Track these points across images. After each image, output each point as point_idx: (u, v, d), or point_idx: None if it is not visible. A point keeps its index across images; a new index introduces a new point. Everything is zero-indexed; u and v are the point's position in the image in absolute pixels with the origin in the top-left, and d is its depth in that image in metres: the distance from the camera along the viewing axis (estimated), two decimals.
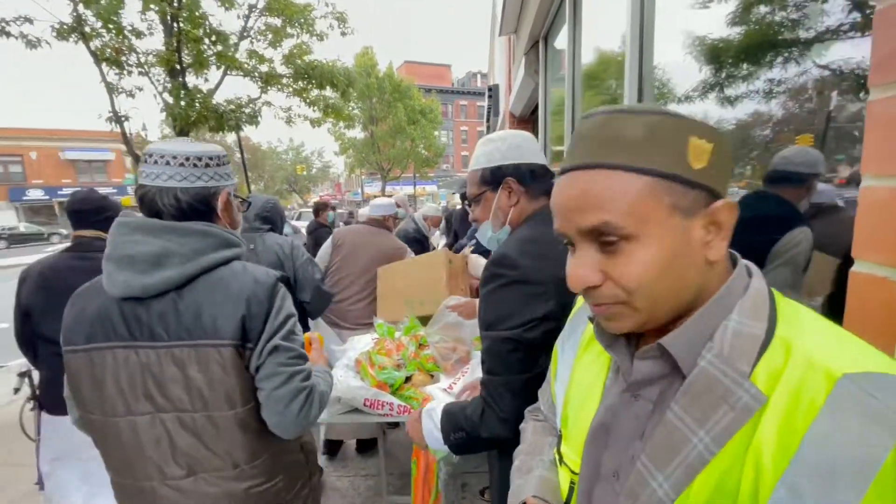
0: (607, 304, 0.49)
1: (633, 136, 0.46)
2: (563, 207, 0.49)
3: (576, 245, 0.50)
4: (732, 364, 0.44)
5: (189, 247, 0.92)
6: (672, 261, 0.46)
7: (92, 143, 29.21)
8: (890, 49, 0.59)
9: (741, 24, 1.45)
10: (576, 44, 3.33)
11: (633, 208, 0.45)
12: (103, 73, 5.47)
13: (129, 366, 0.91)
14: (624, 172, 0.45)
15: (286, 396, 0.96)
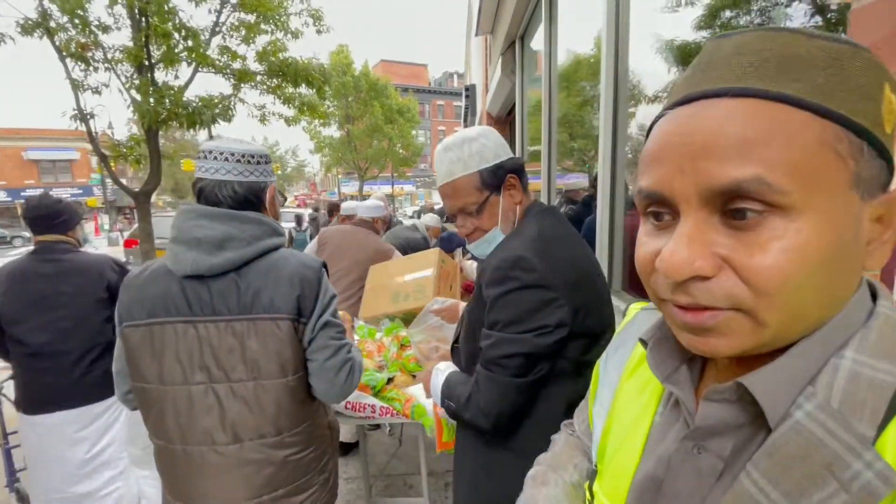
0: (715, 310, 0.32)
1: (811, 61, 0.30)
2: (686, 146, 0.32)
3: (682, 213, 0.33)
4: (845, 422, 0.31)
5: (248, 233, 1.04)
6: (838, 256, 0.31)
7: (56, 143, 27.98)
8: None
9: (711, 27, 1.49)
10: (552, 44, 3.38)
11: (808, 163, 0.29)
12: (68, 70, 5.25)
13: (188, 339, 1.02)
14: (795, 109, 0.30)
15: (336, 366, 1.09)
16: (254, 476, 1.06)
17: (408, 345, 2.29)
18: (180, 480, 1.08)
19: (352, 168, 22.77)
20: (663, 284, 0.34)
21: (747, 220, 0.30)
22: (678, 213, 0.33)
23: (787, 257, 0.29)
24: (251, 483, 1.06)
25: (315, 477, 1.17)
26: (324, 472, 1.21)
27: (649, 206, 0.36)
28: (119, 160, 5.92)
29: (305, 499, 1.14)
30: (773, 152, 0.29)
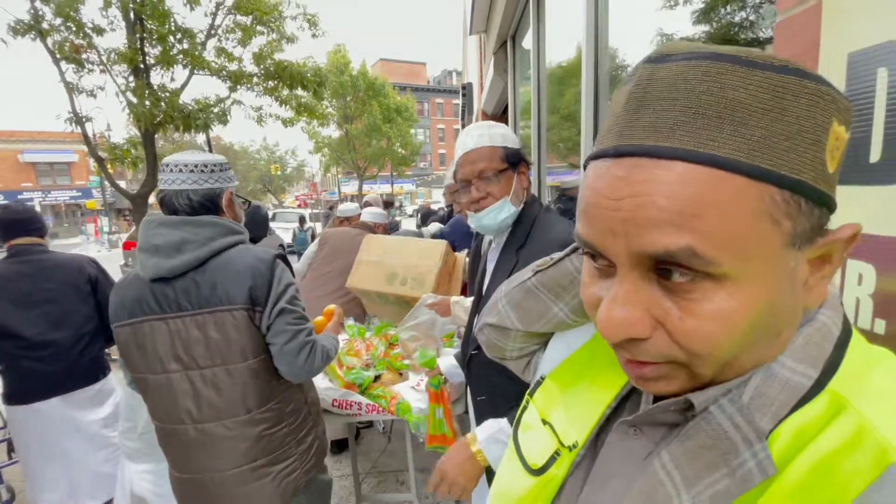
0: (652, 365, 0.33)
1: (751, 107, 0.28)
2: (611, 213, 0.31)
3: (619, 270, 0.32)
4: (750, 416, 0.32)
5: (202, 235, 1.15)
6: (770, 314, 0.31)
7: (54, 145, 27.90)
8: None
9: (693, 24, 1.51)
10: (540, 44, 3.40)
11: (739, 234, 0.28)
12: (62, 72, 5.28)
13: (162, 334, 1.15)
14: (730, 174, 0.28)
15: (294, 349, 1.19)
16: (232, 450, 1.19)
17: (395, 343, 2.33)
18: (177, 455, 1.24)
19: (351, 168, 22.78)
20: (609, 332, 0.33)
21: (684, 284, 0.30)
22: (614, 266, 0.33)
23: (716, 323, 0.29)
24: (231, 455, 1.19)
25: (293, 448, 1.28)
26: (302, 444, 1.31)
27: (586, 249, 0.35)
28: (116, 163, 5.95)
29: (285, 468, 1.25)
30: (704, 224, 0.28)
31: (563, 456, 0.45)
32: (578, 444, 0.44)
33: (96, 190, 25.45)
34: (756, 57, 0.28)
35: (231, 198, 1.27)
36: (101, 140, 6.20)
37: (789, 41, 0.63)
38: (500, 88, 5.61)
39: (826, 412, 0.31)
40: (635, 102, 0.31)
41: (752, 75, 0.28)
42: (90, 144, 5.64)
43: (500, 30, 4.66)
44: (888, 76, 0.48)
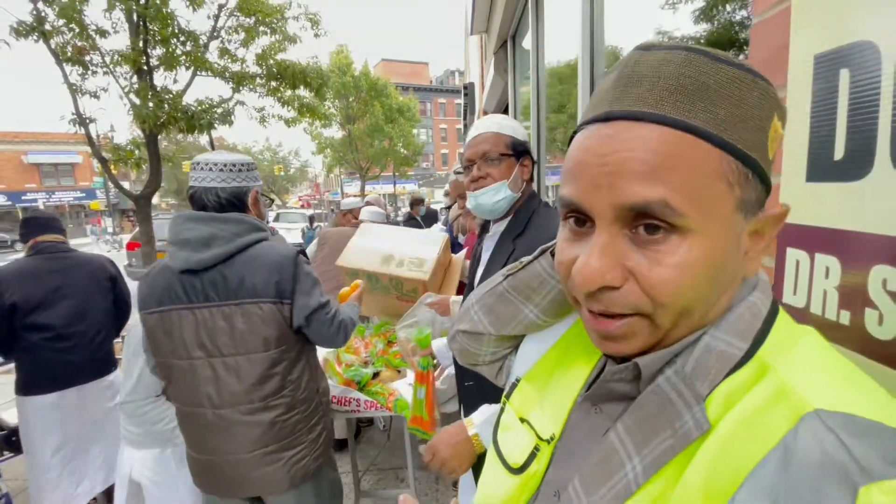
0: (621, 317, 0.37)
1: (718, 91, 0.34)
2: (602, 166, 0.35)
3: (597, 226, 0.36)
4: (691, 383, 0.36)
5: (229, 231, 1.22)
6: (721, 270, 0.36)
7: (58, 146, 28.09)
8: (760, 61, 0.66)
9: (688, 24, 1.53)
10: (539, 44, 3.41)
11: (704, 192, 0.33)
12: (65, 74, 5.32)
13: (188, 322, 1.22)
14: (700, 140, 0.33)
15: (333, 333, 1.34)
16: (246, 434, 1.26)
17: (394, 341, 2.35)
18: (195, 436, 1.31)
19: (353, 168, 22.83)
20: (580, 288, 0.37)
21: (655, 236, 0.34)
22: (594, 224, 0.37)
23: (679, 271, 0.34)
24: (245, 440, 1.26)
25: (303, 436, 1.35)
26: (312, 432, 1.38)
27: (569, 213, 0.39)
28: (119, 164, 5.99)
29: (296, 454, 1.32)
30: (677, 179, 0.33)
31: (543, 450, 0.48)
32: (555, 436, 0.47)
33: (100, 191, 25.58)
34: (721, 54, 0.35)
35: (257, 196, 1.34)
36: (104, 141, 6.23)
37: (762, 43, 0.65)
38: (500, 88, 5.63)
39: (753, 376, 0.35)
40: (625, 79, 0.36)
41: (719, 67, 0.34)
42: (94, 146, 5.68)
43: (501, 30, 4.67)
44: (850, 77, 0.50)
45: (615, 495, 0.37)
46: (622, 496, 0.37)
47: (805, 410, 0.31)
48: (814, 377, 0.34)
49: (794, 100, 0.58)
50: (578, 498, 0.40)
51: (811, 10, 0.55)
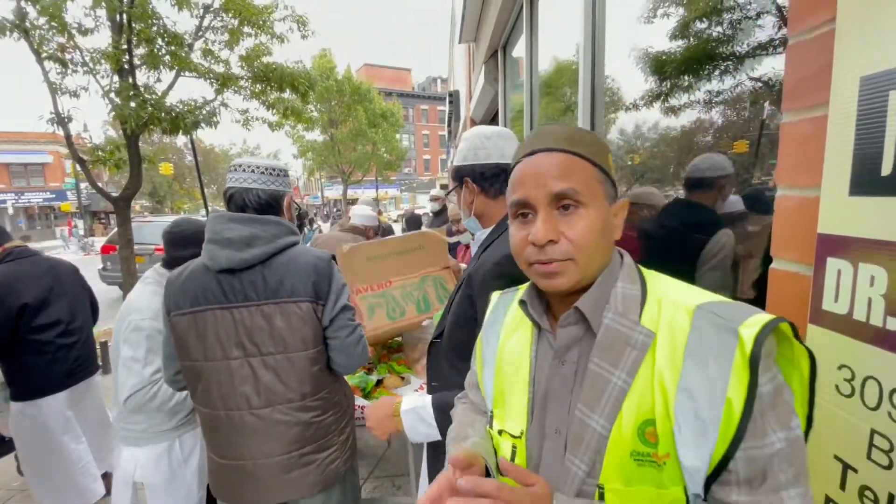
0: (558, 261, 0.60)
1: (588, 140, 0.64)
2: (538, 174, 0.62)
3: (539, 210, 0.62)
4: (626, 317, 0.59)
5: (270, 232, 1.24)
6: (603, 230, 0.61)
7: (28, 146, 27.00)
8: (797, 80, 0.69)
9: (683, 38, 1.58)
10: (533, 53, 3.48)
11: (589, 184, 0.61)
12: (45, 72, 5.14)
13: (226, 322, 1.22)
14: (583, 160, 0.62)
15: (354, 341, 1.31)
16: (284, 435, 1.26)
17: (395, 347, 2.34)
18: (223, 441, 1.29)
19: (336, 172, 22.63)
20: (532, 252, 0.62)
21: (570, 210, 0.61)
22: (536, 211, 0.62)
23: (587, 229, 0.60)
24: (282, 440, 1.27)
25: (336, 437, 1.37)
26: (343, 434, 1.40)
27: (519, 210, 0.64)
28: (98, 165, 5.80)
29: (328, 455, 1.34)
30: (575, 177, 0.61)
31: (519, 446, 0.67)
32: (524, 431, 0.67)
33: (71, 192, 24.68)
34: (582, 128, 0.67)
35: (291, 201, 1.39)
36: (78, 140, 6.00)
37: (799, 64, 0.69)
38: (490, 96, 5.69)
39: (657, 303, 0.59)
40: (537, 137, 0.66)
41: (581, 130, 0.66)
42: (72, 146, 5.49)
43: (491, 40, 4.73)
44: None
45: (615, 399, 0.56)
46: (620, 397, 0.56)
47: (692, 308, 0.55)
48: (682, 293, 0.59)
49: (837, 118, 0.61)
50: (587, 414, 0.58)
51: (857, 35, 0.59)
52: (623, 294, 0.61)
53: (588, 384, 0.59)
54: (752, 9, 1.23)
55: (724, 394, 0.50)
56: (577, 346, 0.63)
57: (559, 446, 0.62)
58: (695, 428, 0.51)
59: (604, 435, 0.56)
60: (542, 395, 0.66)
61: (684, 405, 0.52)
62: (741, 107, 1.30)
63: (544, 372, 0.67)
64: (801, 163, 0.69)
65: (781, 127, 0.72)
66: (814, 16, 0.67)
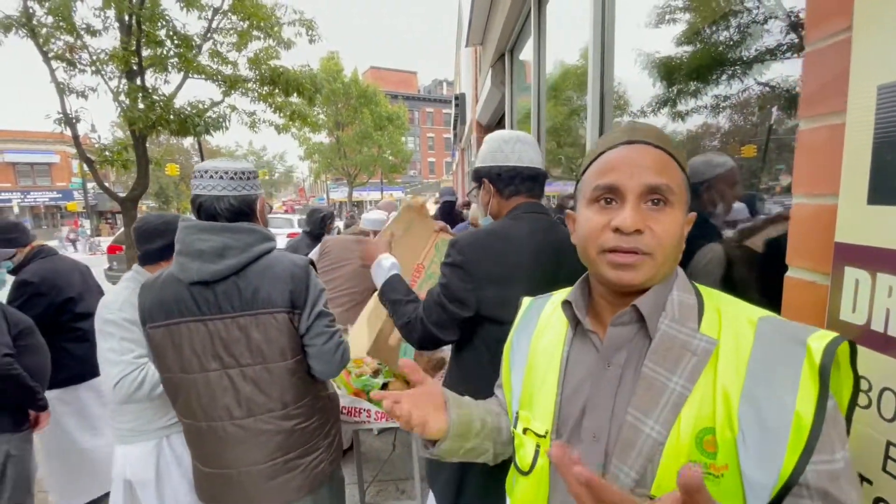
0: (639, 254, 0.59)
1: (679, 152, 0.63)
2: (635, 164, 0.60)
3: (627, 199, 0.60)
4: (684, 324, 0.59)
5: (243, 241, 1.20)
6: (681, 235, 0.61)
7: (35, 145, 27.23)
8: (814, 88, 0.69)
9: (692, 42, 1.58)
10: (540, 57, 3.48)
11: (679, 187, 0.60)
12: (53, 72, 5.19)
13: (201, 334, 1.19)
14: (676, 163, 0.62)
15: (331, 349, 1.28)
16: (267, 443, 1.25)
17: None
18: (208, 451, 1.27)
19: (341, 174, 22.71)
20: (611, 238, 0.60)
21: (659, 206, 0.59)
22: (623, 199, 0.60)
23: (671, 228, 0.59)
24: (266, 448, 1.25)
25: (320, 441, 1.35)
26: (328, 437, 1.39)
27: (603, 194, 0.62)
28: (105, 165, 5.85)
29: (313, 459, 1.32)
30: (672, 176, 0.60)
31: (543, 445, 0.66)
32: (549, 431, 0.66)
33: (78, 192, 24.85)
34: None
35: (264, 204, 1.34)
36: (86, 141, 6.06)
37: (817, 71, 0.68)
38: (496, 100, 5.70)
39: (716, 313, 0.59)
40: (629, 131, 0.64)
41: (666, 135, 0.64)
42: (79, 146, 5.53)
43: (499, 44, 4.74)
44: None
45: (673, 405, 0.55)
46: (679, 403, 0.55)
47: (755, 319, 0.56)
48: (741, 306, 0.60)
49: (854, 126, 0.61)
50: (640, 419, 0.57)
51: (873, 44, 0.58)
52: (679, 302, 0.60)
53: (642, 389, 0.58)
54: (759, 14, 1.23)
55: (792, 405, 0.49)
56: (626, 348, 0.62)
57: (597, 452, 0.60)
58: (761, 439, 0.49)
59: (659, 441, 0.55)
60: (574, 396, 0.65)
61: (749, 415, 0.50)
62: (748, 112, 1.29)
63: (578, 374, 0.65)
64: (818, 170, 0.68)
65: (798, 134, 0.72)
66: (830, 23, 0.66)
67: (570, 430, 0.64)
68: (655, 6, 1.68)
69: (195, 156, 25.24)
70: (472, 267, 1.16)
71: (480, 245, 1.19)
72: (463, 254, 1.18)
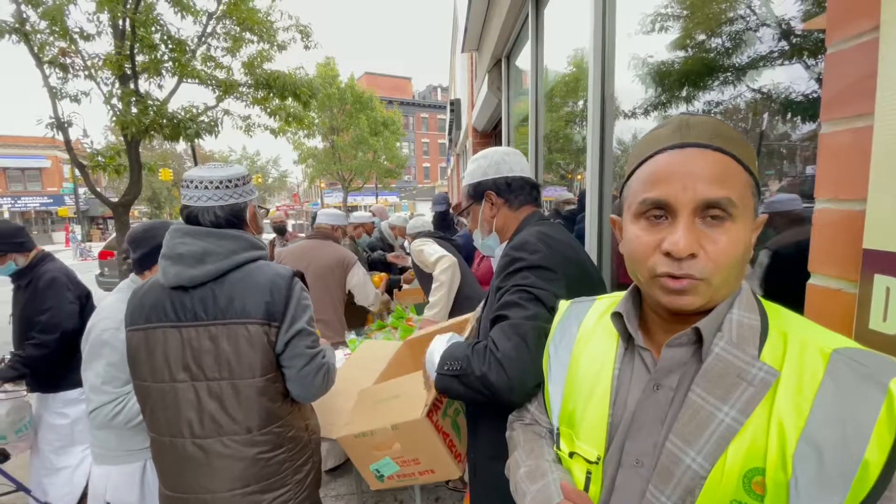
0: (691, 279, 0.52)
1: (740, 141, 0.54)
2: (689, 174, 0.52)
3: (680, 216, 0.53)
4: (742, 349, 0.52)
5: (225, 247, 1.15)
6: (746, 250, 0.53)
7: (26, 150, 26.95)
8: (837, 90, 0.67)
9: (685, 47, 1.57)
10: (538, 62, 3.48)
11: (742, 195, 0.52)
12: (46, 77, 5.13)
13: (174, 341, 1.14)
14: (742, 167, 0.53)
15: (311, 372, 1.20)
16: (226, 470, 1.16)
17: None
18: (169, 470, 1.20)
19: (336, 179, 22.66)
20: (662, 262, 0.54)
21: (717, 221, 0.52)
22: (675, 215, 0.53)
23: (733, 247, 0.52)
24: (224, 476, 1.16)
25: (289, 477, 1.23)
26: (299, 473, 1.26)
27: (650, 209, 0.55)
28: (98, 170, 5.78)
29: (278, 496, 1.21)
30: (731, 184, 0.52)
31: (595, 472, 0.62)
32: (601, 457, 0.61)
33: (69, 197, 24.60)
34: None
35: (255, 211, 1.28)
36: (77, 145, 5.99)
37: (840, 73, 0.66)
38: (493, 105, 5.70)
39: (782, 339, 0.52)
40: (684, 126, 0.55)
41: (730, 128, 0.55)
42: (72, 151, 5.46)
43: (495, 50, 4.75)
44: None
45: (720, 437, 0.50)
46: (727, 436, 0.50)
47: (828, 352, 0.49)
48: (813, 332, 0.52)
49: (884, 129, 0.59)
50: (681, 448, 0.53)
51: None
52: (739, 323, 0.54)
53: (687, 416, 0.53)
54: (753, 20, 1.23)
55: (860, 454, 0.43)
56: (679, 371, 0.57)
57: (638, 478, 0.56)
58: (817, 486, 0.45)
59: (700, 474, 0.51)
60: (626, 419, 0.59)
61: (806, 458, 0.45)
62: (743, 116, 1.29)
63: (632, 393, 0.60)
64: (843, 175, 0.66)
65: (820, 138, 0.70)
66: (854, 25, 0.65)
67: (615, 452, 0.59)
68: (655, 8, 1.68)
69: (188, 161, 25.12)
70: (551, 262, 0.99)
71: (549, 242, 1.04)
72: (536, 252, 1.00)
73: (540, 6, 3.36)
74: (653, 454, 0.56)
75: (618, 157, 2.13)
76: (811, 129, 1.07)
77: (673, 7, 1.67)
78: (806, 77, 1.06)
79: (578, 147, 2.78)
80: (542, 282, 0.95)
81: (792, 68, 1.10)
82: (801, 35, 1.08)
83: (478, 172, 1.27)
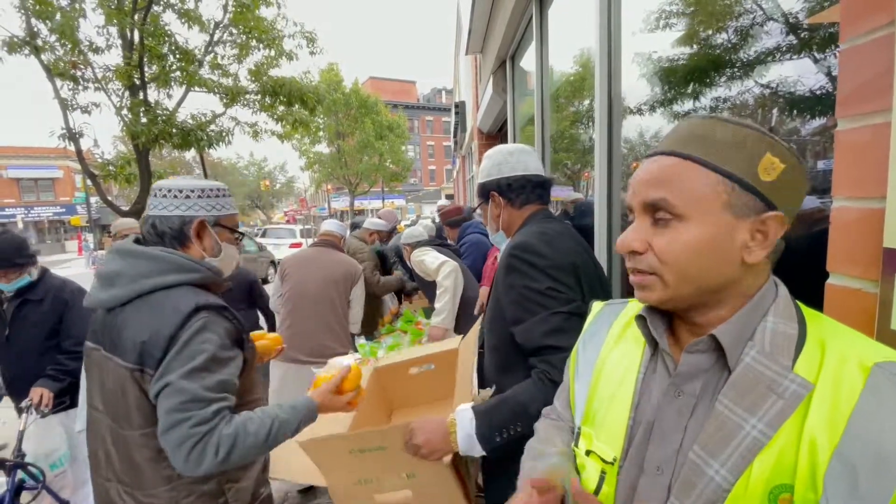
0: (642, 273, 0.56)
1: (718, 138, 0.52)
2: (635, 181, 0.57)
3: (635, 217, 0.57)
4: (775, 359, 0.50)
5: (135, 270, 1.00)
6: (709, 249, 0.52)
7: (38, 161, 27.44)
8: (853, 86, 0.66)
9: (690, 44, 1.56)
10: (543, 63, 3.47)
11: (692, 194, 0.52)
12: (57, 89, 5.22)
13: (95, 364, 1.05)
14: (694, 164, 0.52)
15: (175, 442, 0.90)
16: None
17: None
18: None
19: (342, 183, 22.77)
20: (627, 259, 0.58)
21: (664, 222, 0.54)
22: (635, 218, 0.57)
23: (678, 245, 0.52)
24: None
25: None
26: None
27: (629, 212, 0.59)
28: (109, 179, 5.87)
29: None
30: (675, 186, 0.53)
31: (610, 473, 0.61)
32: (617, 458, 0.60)
33: (81, 206, 24.94)
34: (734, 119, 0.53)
35: (202, 228, 1.10)
36: (88, 156, 6.10)
37: (856, 69, 0.65)
38: (498, 106, 5.69)
39: (819, 350, 0.49)
40: (667, 135, 0.58)
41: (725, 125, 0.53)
42: (83, 161, 5.56)
43: (500, 51, 4.74)
44: None
45: (745, 450, 0.49)
46: (753, 449, 0.48)
47: (869, 366, 0.46)
48: (854, 342, 0.49)
49: None
50: (704, 459, 0.51)
51: None
52: (774, 331, 0.51)
53: (712, 426, 0.51)
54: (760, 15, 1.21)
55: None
56: (701, 378, 0.55)
57: (659, 486, 0.55)
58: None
59: (723, 487, 0.49)
60: (647, 424, 0.58)
61: (839, 477, 0.43)
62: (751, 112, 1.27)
63: (653, 398, 0.59)
64: (862, 172, 0.65)
65: (836, 135, 0.68)
66: (869, 19, 0.64)
67: (635, 457, 0.59)
68: (660, 6, 1.66)
69: (197, 168, 25.38)
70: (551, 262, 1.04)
71: (551, 242, 1.08)
72: (542, 253, 1.05)
73: (544, 6, 3.36)
74: (673, 461, 0.55)
75: (625, 156, 2.11)
76: (820, 124, 1.06)
77: (678, 4, 1.66)
78: (814, 71, 1.04)
79: (585, 147, 2.77)
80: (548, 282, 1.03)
81: (800, 63, 1.09)
82: (809, 29, 1.07)
83: (483, 173, 1.30)
